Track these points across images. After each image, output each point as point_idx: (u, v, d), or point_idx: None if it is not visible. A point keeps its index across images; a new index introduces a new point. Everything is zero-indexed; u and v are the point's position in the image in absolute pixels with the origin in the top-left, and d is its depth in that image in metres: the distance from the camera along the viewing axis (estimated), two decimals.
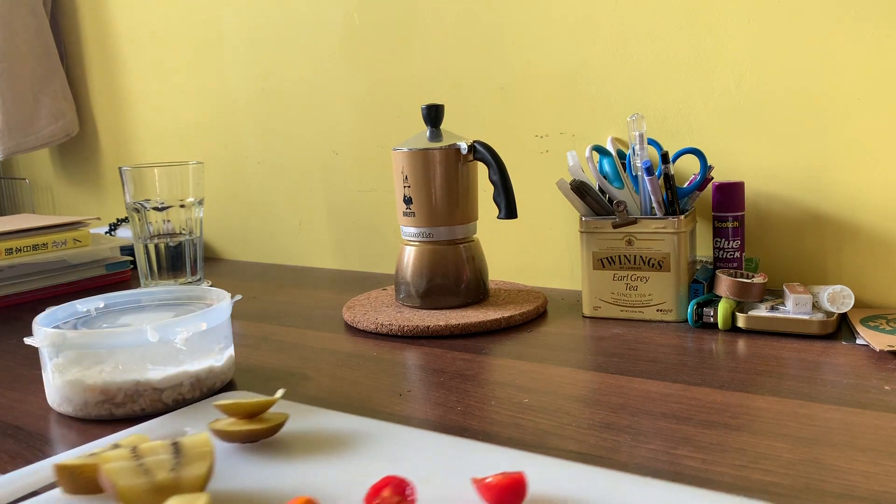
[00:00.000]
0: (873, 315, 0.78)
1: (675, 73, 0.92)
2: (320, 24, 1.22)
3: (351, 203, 1.25)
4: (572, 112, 1.00)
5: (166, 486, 0.44)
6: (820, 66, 0.83)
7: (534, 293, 0.95)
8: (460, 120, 1.06)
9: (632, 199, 0.86)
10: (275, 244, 1.37)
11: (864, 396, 0.60)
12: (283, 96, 1.29)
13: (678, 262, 0.82)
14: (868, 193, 0.83)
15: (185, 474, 0.45)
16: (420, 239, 0.91)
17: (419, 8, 1.11)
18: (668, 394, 0.62)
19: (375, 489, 0.45)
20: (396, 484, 0.45)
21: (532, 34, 1.01)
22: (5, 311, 1.08)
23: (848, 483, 0.46)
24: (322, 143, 1.26)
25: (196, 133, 1.44)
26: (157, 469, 0.45)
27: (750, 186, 0.88)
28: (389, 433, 0.56)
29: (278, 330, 0.90)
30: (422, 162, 0.89)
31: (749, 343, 0.74)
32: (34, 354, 0.70)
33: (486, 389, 0.66)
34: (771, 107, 0.87)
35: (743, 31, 0.87)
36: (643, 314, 0.84)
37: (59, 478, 0.47)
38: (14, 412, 0.67)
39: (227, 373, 0.70)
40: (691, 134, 0.92)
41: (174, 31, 1.42)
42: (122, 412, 0.63)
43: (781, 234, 0.88)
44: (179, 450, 0.47)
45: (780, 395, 0.60)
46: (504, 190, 0.87)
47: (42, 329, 0.64)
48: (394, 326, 0.84)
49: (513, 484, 0.45)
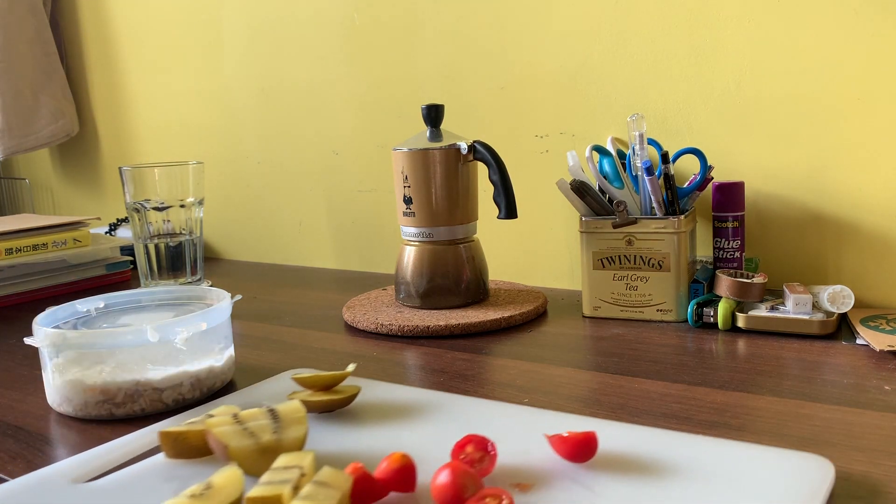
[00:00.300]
0: (873, 315, 0.78)
1: (675, 73, 0.92)
2: (320, 25, 1.22)
3: (351, 203, 1.25)
4: (572, 112, 1.00)
5: (270, 447, 0.49)
6: (820, 66, 0.83)
7: (534, 293, 0.95)
8: (460, 120, 1.06)
9: (632, 199, 0.86)
10: (275, 244, 1.37)
11: (864, 396, 0.60)
12: (283, 96, 1.29)
13: (678, 262, 0.82)
14: (868, 193, 0.83)
15: (285, 437, 0.50)
16: (420, 239, 0.91)
17: (419, 8, 1.11)
18: (668, 394, 0.62)
19: (459, 446, 0.49)
20: (478, 441, 0.49)
21: (532, 34, 1.01)
22: (5, 311, 1.08)
23: (848, 483, 0.46)
24: (322, 143, 1.26)
25: (196, 133, 1.44)
26: (260, 432, 0.50)
27: (750, 186, 0.88)
28: (455, 402, 0.61)
29: (278, 330, 0.90)
30: (422, 162, 0.89)
31: (749, 343, 0.74)
32: (34, 354, 0.70)
33: (486, 390, 0.66)
34: (771, 107, 0.87)
35: (743, 31, 0.87)
36: (643, 314, 0.84)
37: (163, 443, 0.51)
38: (14, 412, 0.67)
39: (227, 373, 0.70)
40: (691, 134, 0.92)
41: (174, 31, 1.42)
42: (122, 412, 0.63)
43: (781, 234, 0.88)
44: (277, 416, 0.52)
45: (780, 395, 0.60)
46: (504, 190, 0.87)
47: (42, 329, 0.64)
48: (394, 326, 0.84)
49: (585, 439, 0.49)
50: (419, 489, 0.47)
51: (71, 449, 0.59)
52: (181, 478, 0.50)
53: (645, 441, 0.51)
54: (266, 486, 0.42)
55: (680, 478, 0.46)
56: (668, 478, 0.46)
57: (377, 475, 0.46)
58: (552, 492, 0.46)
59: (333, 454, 0.53)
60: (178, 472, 0.51)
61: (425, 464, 0.48)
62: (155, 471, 0.52)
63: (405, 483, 0.46)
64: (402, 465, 0.46)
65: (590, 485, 0.46)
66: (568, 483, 0.47)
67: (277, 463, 0.46)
